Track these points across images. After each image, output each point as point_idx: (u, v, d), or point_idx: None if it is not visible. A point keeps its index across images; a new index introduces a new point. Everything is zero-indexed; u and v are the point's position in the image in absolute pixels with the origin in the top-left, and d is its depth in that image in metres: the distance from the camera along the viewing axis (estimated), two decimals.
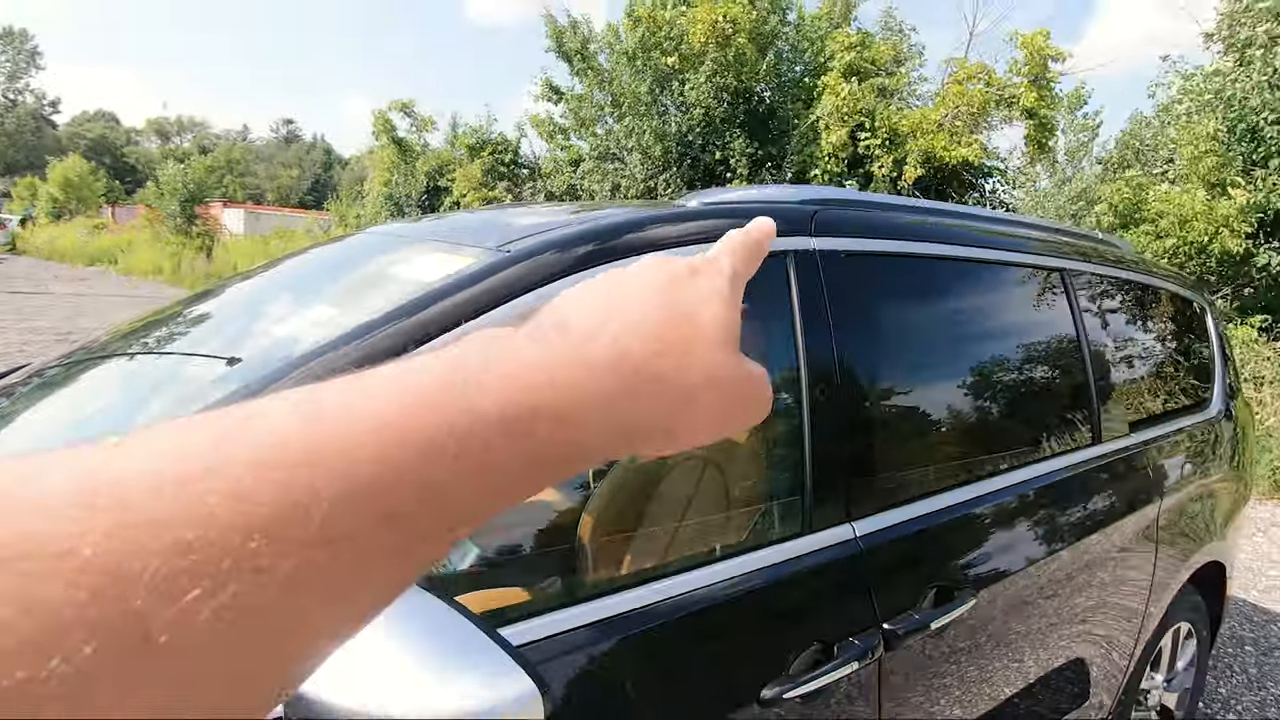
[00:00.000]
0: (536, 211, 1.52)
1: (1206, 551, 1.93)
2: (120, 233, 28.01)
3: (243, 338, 1.21)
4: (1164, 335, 2.10)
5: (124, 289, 15.81)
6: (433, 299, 0.86)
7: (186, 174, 20.98)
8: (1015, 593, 1.35)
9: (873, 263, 1.29)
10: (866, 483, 1.19)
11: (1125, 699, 1.82)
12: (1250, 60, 6.59)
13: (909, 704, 1.18)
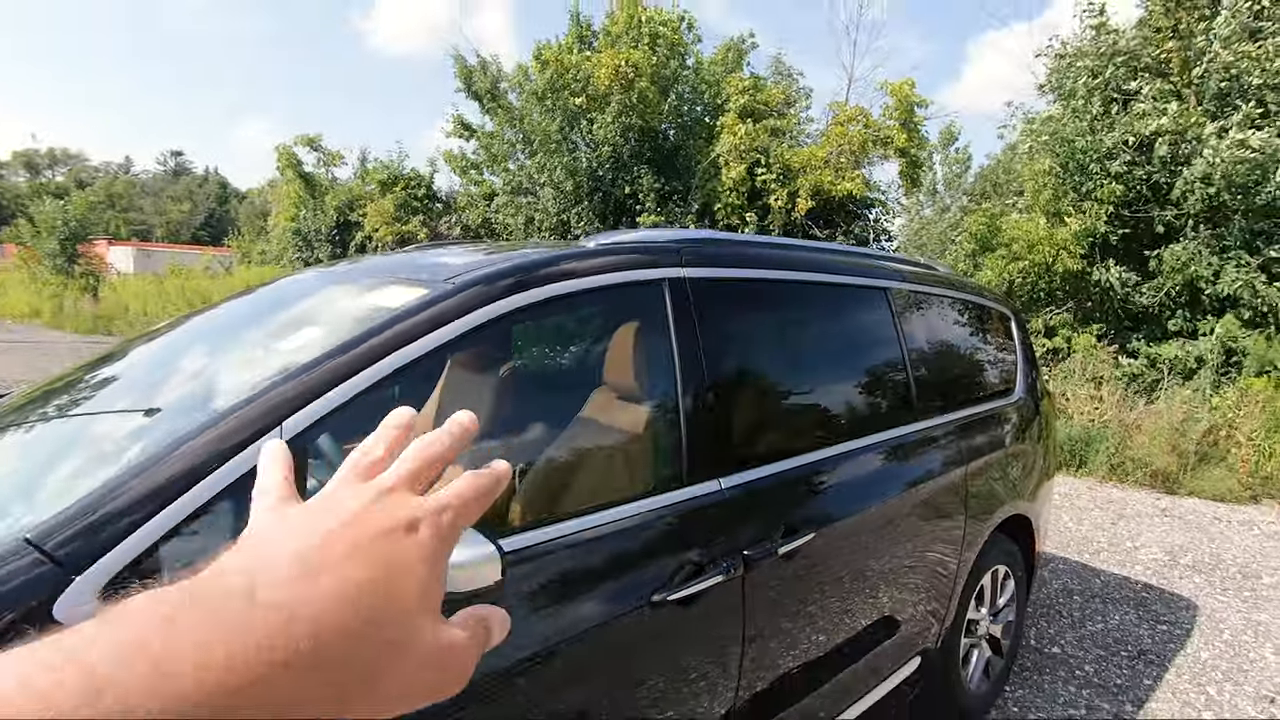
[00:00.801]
0: (466, 251, 1.87)
1: (1011, 506, 2.46)
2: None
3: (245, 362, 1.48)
4: (974, 337, 2.66)
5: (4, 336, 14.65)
6: (400, 318, 1.20)
7: (66, 210, 19.72)
8: (849, 532, 1.78)
9: (729, 286, 1.71)
10: (729, 451, 1.58)
11: (954, 627, 2.29)
12: (1074, 108, 7.75)
13: (769, 620, 1.57)
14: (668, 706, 1.38)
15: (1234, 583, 3.93)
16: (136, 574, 0.87)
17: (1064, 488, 5.87)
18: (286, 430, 0.99)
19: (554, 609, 1.21)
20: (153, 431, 1.10)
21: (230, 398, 1.04)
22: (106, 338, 14.87)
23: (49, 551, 0.84)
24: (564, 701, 1.22)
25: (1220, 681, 2.87)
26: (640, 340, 1.59)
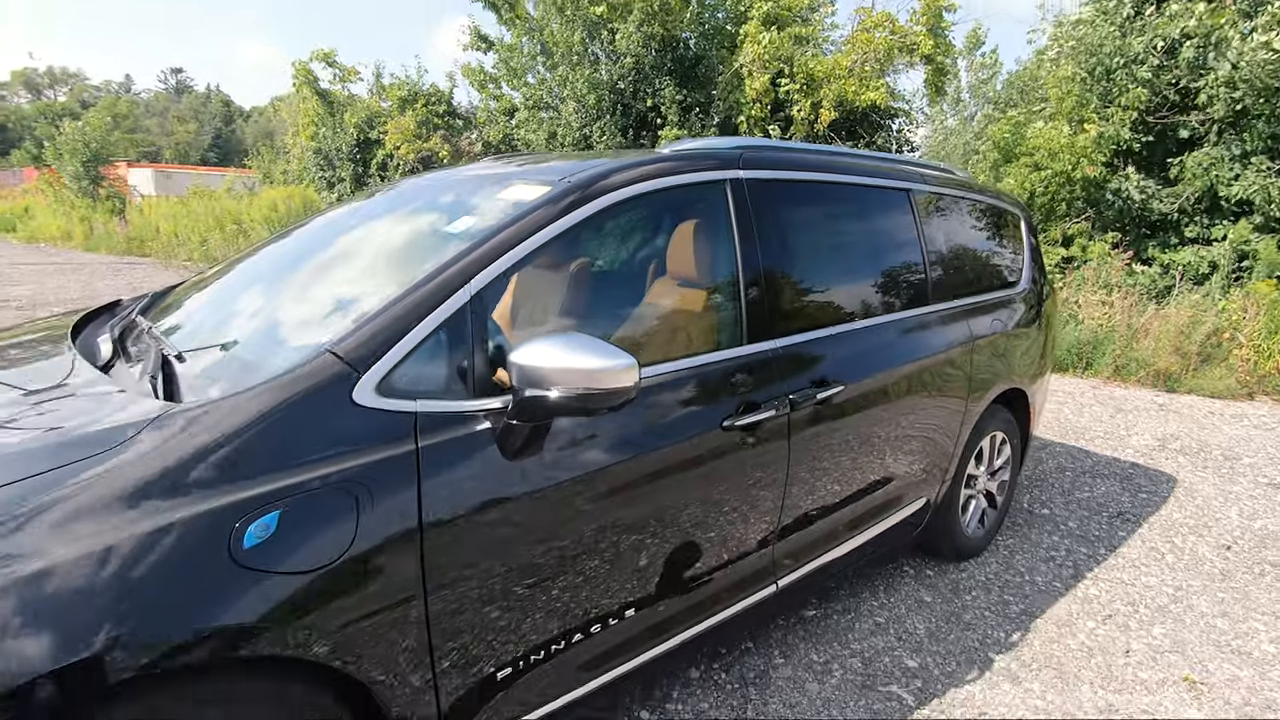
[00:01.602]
0: (555, 160, 2.21)
1: (1009, 381, 2.86)
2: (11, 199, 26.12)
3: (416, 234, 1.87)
4: (985, 233, 2.98)
5: (41, 257, 15.14)
6: (538, 206, 1.57)
7: (85, 132, 19.81)
8: (870, 389, 2.19)
9: (780, 186, 2.05)
10: (779, 321, 1.97)
11: (956, 477, 2.74)
12: (1104, 9, 7.62)
13: (807, 452, 2.01)
14: (733, 514, 1.83)
15: (1215, 463, 4.36)
16: (387, 374, 1.29)
17: (1069, 387, 6.26)
18: (481, 281, 1.40)
19: (657, 424, 1.63)
20: (385, 286, 1.49)
21: (431, 264, 1.43)
22: (141, 259, 15.33)
23: (343, 356, 1.27)
24: (656, 500, 1.66)
25: (1185, 534, 3.34)
26: (702, 233, 1.95)
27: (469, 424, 1.36)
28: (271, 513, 1.13)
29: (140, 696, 1.03)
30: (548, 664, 1.52)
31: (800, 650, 2.33)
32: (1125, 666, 2.32)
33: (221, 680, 1.11)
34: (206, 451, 1.13)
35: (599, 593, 1.57)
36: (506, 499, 1.38)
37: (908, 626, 2.50)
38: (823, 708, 2.07)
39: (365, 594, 1.20)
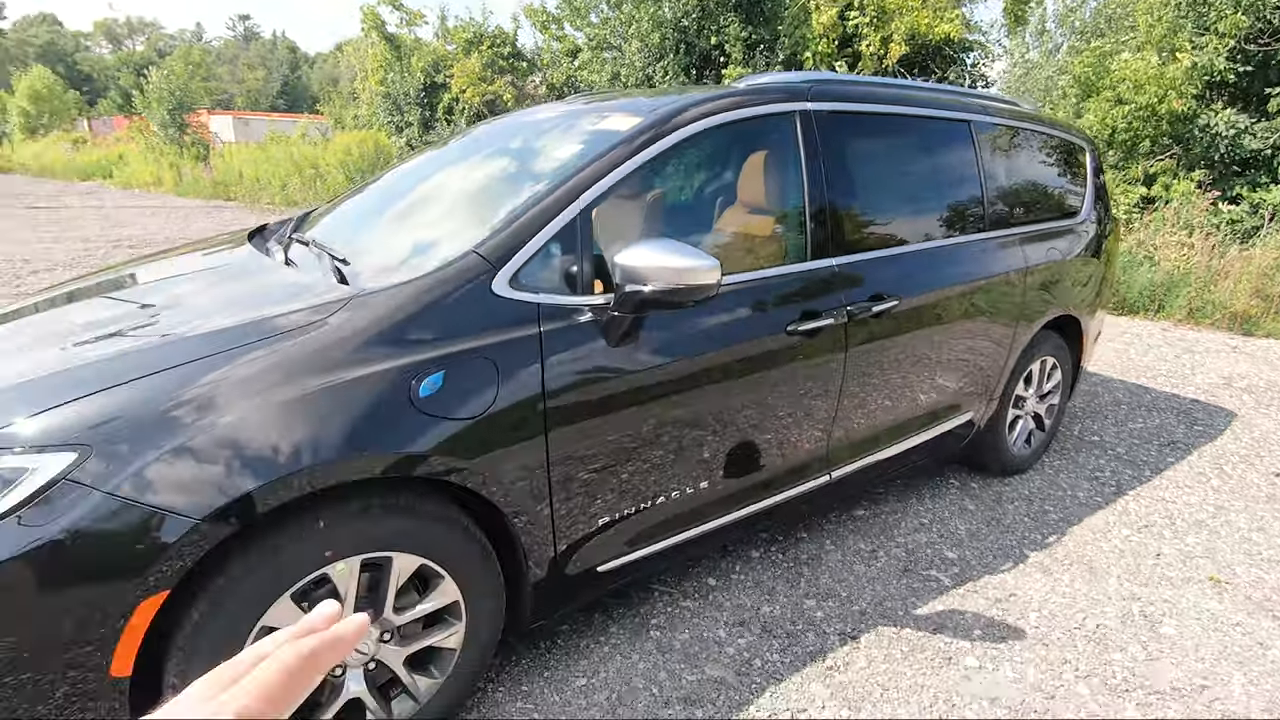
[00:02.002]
0: (639, 95, 2.44)
1: (1061, 307, 2.99)
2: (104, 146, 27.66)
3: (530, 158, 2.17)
4: (1046, 164, 3.07)
5: (138, 201, 16.22)
6: (637, 133, 1.83)
7: (170, 80, 20.75)
8: (922, 306, 2.39)
9: (846, 117, 2.24)
10: (840, 241, 2.19)
11: (1004, 396, 2.93)
12: None
13: (860, 360, 2.25)
14: (794, 408, 2.11)
15: (1278, 401, 4.35)
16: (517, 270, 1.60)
17: (1137, 329, 6.18)
18: (589, 198, 1.68)
19: (731, 324, 1.91)
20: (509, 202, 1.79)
21: (545, 184, 1.72)
22: (227, 203, 16.22)
23: (485, 256, 1.58)
24: (727, 389, 1.94)
25: (1236, 463, 3.44)
26: (773, 163, 2.17)
27: (579, 315, 1.66)
28: (438, 372, 1.47)
29: (343, 501, 1.41)
30: (636, 517, 1.86)
31: (850, 541, 2.63)
32: (1154, 566, 2.53)
33: (401, 495, 1.48)
34: (389, 324, 1.47)
35: (678, 464, 1.89)
36: (608, 377, 1.69)
37: (950, 527, 2.75)
38: (867, 585, 2.37)
39: (504, 440, 1.54)
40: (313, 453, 1.33)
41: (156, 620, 1.25)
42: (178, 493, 1.23)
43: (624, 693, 1.87)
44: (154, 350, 1.41)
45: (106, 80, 74.61)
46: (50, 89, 35.77)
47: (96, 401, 1.28)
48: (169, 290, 1.89)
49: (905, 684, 1.92)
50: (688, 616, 2.17)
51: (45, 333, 1.66)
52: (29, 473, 1.20)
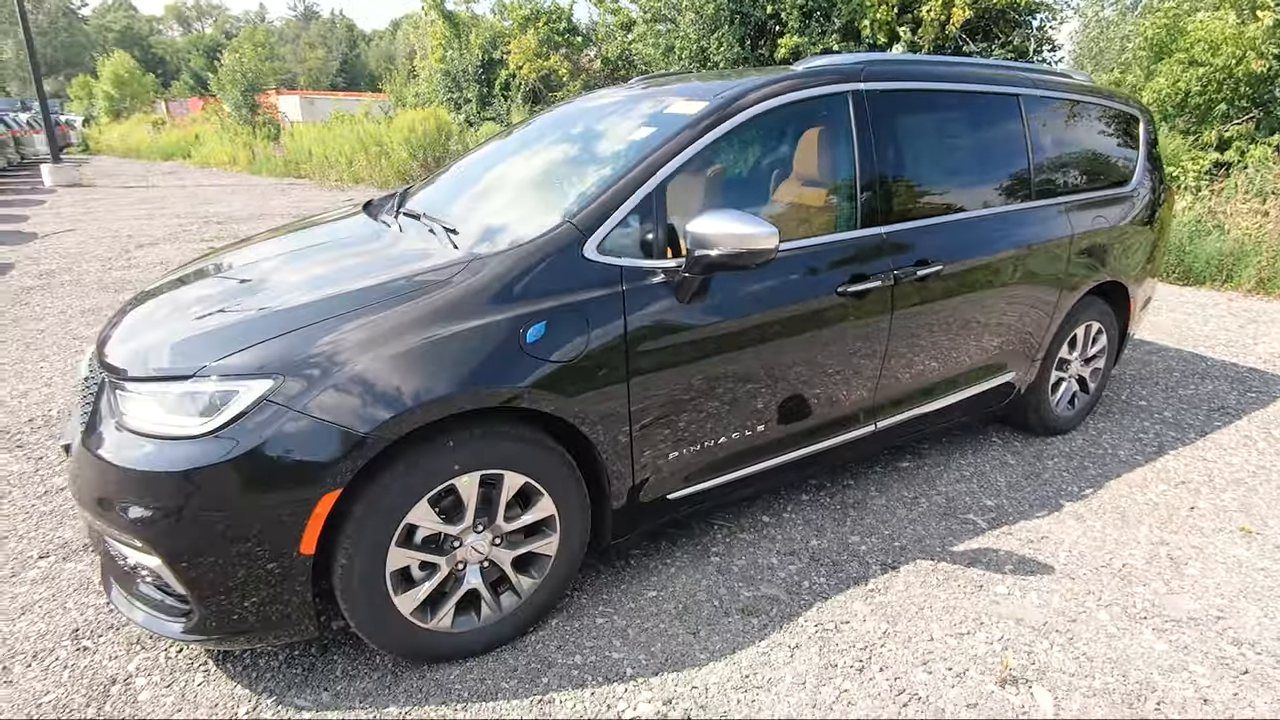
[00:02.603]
0: (697, 80, 2.67)
1: (1109, 274, 3.11)
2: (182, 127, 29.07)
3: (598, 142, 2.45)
4: (1097, 134, 3.16)
5: (216, 180, 17.18)
6: (702, 116, 2.07)
7: (243, 63, 21.65)
8: (966, 271, 2.58)
9: (896, 95, 2.43)
10: (889, 211, 2.39)
11: (1048, 359, 3.08)
12: None
13: (906, 321, 2.46)
14: (843, 363, 2.34)
15: None
16: (603, 238, 1.88)
17: (1200, 299, 6.09)
18: (662, 175, 1.94)
19: (788, 285, 2.15)
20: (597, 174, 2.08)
21: (624, 164, 1.99)
22: (298, 180, 17.01)
23: (577, 226, 1.87)
24: (783, 343, 2.19)
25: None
26: (826, 139, 2.38)
27: (654, 276, 1.94)
28: (541, 322, 1.77)
29: (467, 426, 1.73)
30: (701, 453, 2.14)
31: (894, 488, 2.86)
32: (1186, 517, 2.69)
33: (512, 424, 1.80)
34: (502, 283, 1.78)
35: (738, 409, 2.16)
36: (680, 330, 1.96)
37: (990, 479, 2.95)
38: (908, 525, 2.61)
39: (594, 382, 1.84)
40: (446, 385, 1.65)
41: (330, 513, 1.61)
42: (347, 413, 1.57)
43: (689, 604, 2.17)
44: (320, 303, 1.75)
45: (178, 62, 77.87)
46: (131, 73, 37.67)
47: (283, 342, 1.63)
48: (315, 255, 2.25)
49: (939, 605, 2.17)
50: (744, 546, 2.46)
51: (223, 291, 2.04)
52: (238, 394, 1.56)
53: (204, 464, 1.53)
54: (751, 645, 2.00)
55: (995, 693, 1.84)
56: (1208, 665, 1.94)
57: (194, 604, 1.62)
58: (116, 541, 1.66)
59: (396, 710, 1.77)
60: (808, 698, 1.82)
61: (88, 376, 1.92)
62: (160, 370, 1.67)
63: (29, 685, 1.83)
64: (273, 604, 1.64)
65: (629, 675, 1.89)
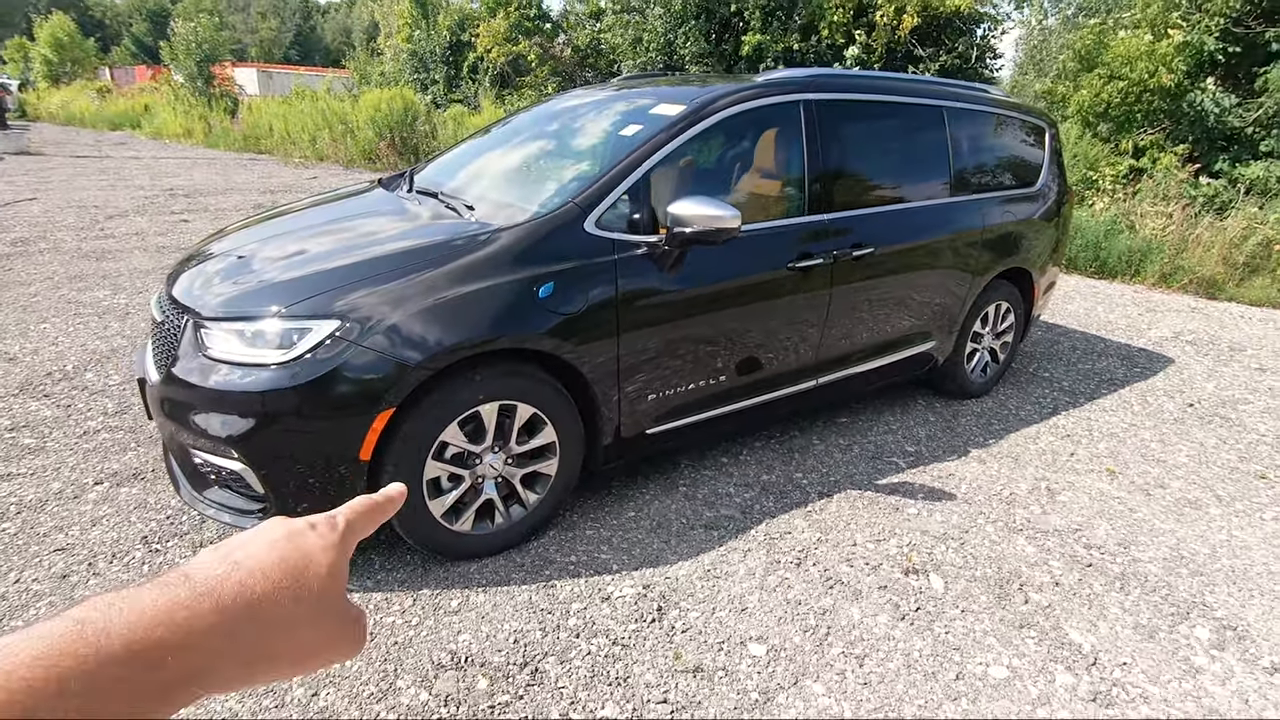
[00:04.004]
0: (680, 83, 3.11)
1: (1015, 260, 3.68)
2: (129, 96, 28.04)
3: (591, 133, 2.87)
4: (1008, 141, 3.72)
5: (172, 152, 16.84)
6: (683, 116, 2.52)
7: (198, 33, 21.08)
8: (896, 254, 3.10)
9: (842, 105, 2.91)
10: (831, 201, 2.88)
11: (963, 332, 3.64)
12: None
13: (844, 294, 2.96)
14: (792, 326, 2.83)
15: (1217, 352, 5.04)
16: (600, 216, 2.32)
17: (1111, 291, 6.84)
18: (648, 165, 2.39)
19: (747, 260, 2.63)
20: (595, 163, 2.51)
21: (616, 155, 2.43)
22: (259, 155, 16.81)
23: (580, 205, 2.30)
24: (744, 307, 2.66)
25: (1159, 395, 4.15)
26: (781, 140, 2.85)
27: (640, 249, 2.38)
28: (550, 282, 2.20)
29: (490, 364, 2.16)
30: (675, 396, 2.61)
31: (832, 438, 3.38)
32: (1066, 461, 3.28)
33: (526, 364, 2.23)
34: (521, 249, 2.20)
35: (707, 359, 2.63)
36: (660, 293, 2.42)
37: (912, 431, 3.50)
38: (843, 465, 3.13)
39: (591, 327, 2.28)
40: (476, 329, 2.07)
41: (384, 429, 2.02)
42: (400, 348, 1.98)
43: (662, 521, 2.64)
44: (370, 261, 2.15)
45: (118, 27, 74.27)
46: (71, 36, 35.98)
47: (344, 292, 2.02)
48: (352, 222, 2.63)
49: (862, 521, 2.69)
50: (706, 479, 2.94)
51: (281, 250, 2.40)
52: (311, 331, 1.96)
53: (284, 386, 1.92)
54: (713, 550, 2.49)
55: (901, 579, 2.36)
56: (1063, 561, 2.51)
57: (272, 501, 2.01)
58: (204, 453, 2.04)
59: (430, 592, 2.19)
60: (756, 583, 2.31)
61: (161, 320, 2.27)
62: (241, 312, 2.04)
63: (115, 576, 2.19)
64: (337, 500, 2.04)
65: (615, 569, 2.35)
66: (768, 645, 2.05)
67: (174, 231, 7.41)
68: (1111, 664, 2.04)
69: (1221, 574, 2.49)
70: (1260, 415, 3.93)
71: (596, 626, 2.09)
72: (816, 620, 2.16)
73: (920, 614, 2.20)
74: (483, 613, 2.12)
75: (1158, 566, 2.51)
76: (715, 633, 2.09)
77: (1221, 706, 1.91)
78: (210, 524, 2.46)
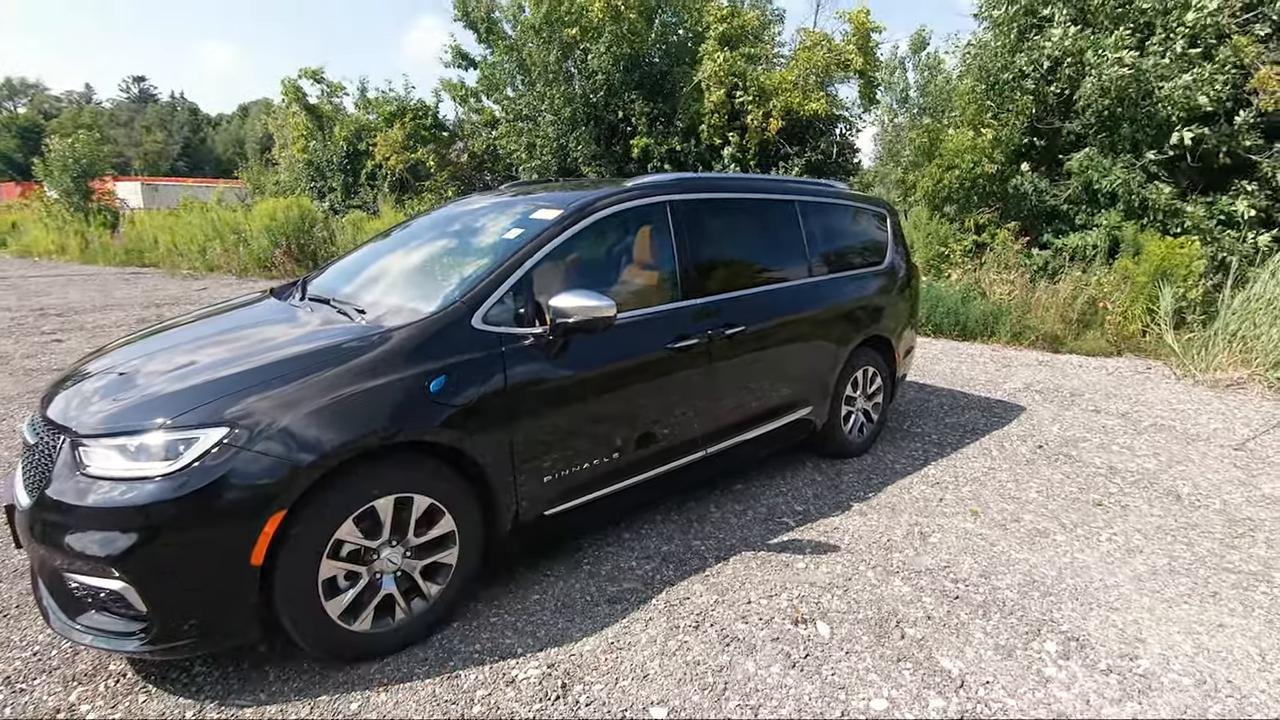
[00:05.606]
0: (560, 189, 3.42)
1: (874, 329, 4.13)
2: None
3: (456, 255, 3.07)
4: (856, 227, 4.25)
5: (45, 270, 15.90)
6: (559, 220, 2.79)
7: (75, 149, 20.45)
8: (766, 331, 3.43)
9: (700, 202, 3.29)
10: (702, 286, 3.20)
11: (836, 397, 4.00)
12: (998, 32, 9.02)
13: (723, 369, 3.24)
14: (676, 404, 3.06)
15: (1060, 398, 5.70)
16: (486, 312, 2.50)
17: (972, 350, 7.60)
18: (530, 264, 2.61)
19: (629, 344, 2.86)
20: (477, 265, 2.70)
21: (499, 255, 2.65)
22: (143, 269, 16.14)
23: (466, 303, 2.48)
24: (628, 388, 2.88)
25: (1013, 440, 4.65)
26: (654, 236, 3.18)
27: (526, 340, 2.57)
28: (441, 375, 2.33)
29: (385, 459, 2.24)
30: (570, 476, 2.74)
31: (727, 504, 3.58)
32: (936, 506, 3.60)
33: (420, 456, 2.32)
34: (411, 347, 2.33)
35: (598, 438, 2.79)
36: (548, 379, 2.59)
37: (800, 492, 3.75)
38: (738, 529, 3.31)
39: (483, 416, 2.41)
40: (370, 424, 2.16)
41: (275, 532, 2.04)
42: (292, 449, 2.04)
43: (566, 600, 2.71)
44: (260, 368, 2.21)
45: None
46: None
47: (232, 399, 2.08)
48: (242, 331, 2.67)
49: (756, 579, 2.85)
50: (609, 555, 3.04)
51: (163, 363, 2.41)
52: (198, 440, 1.99)
53: (170, 497, 1.93)
54: (616, 623, 2.57)
55: (791, 629, 2.52)
56: (934, 596, 2.75)
57: (155, 618, 1.96)
58: (80, 575, 1.98)
59: (328, 698, 2.15)
60: (657, 650, 2.41)
61: (34, 443, 2.22)
62: (123, 427, 2.05)
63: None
64: (226, 610, 2.01)
65: (519, 652, 2.39)
66: (669, 707, 2.13)
67: (44, 353, 7.00)
68: (976, 684, 2.25)
69: (1067, 592, 2.80)
70: (1096, 450, 4.47)
71: (500, 712, 2.11)
72: (714, 678, 2.26)
73: (809, 660, 2.36)
74: (384, 713, 2.10)
75: (1014, 592, 2.79)
76: (618, 702, 2.15)
77: (1068, 710, 2.15)
78: (84, 655, 2.32)
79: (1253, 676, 2.33)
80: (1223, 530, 3.39)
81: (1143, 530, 3.37)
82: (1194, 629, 2.59)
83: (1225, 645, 2.49)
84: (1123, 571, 2.98)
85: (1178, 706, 2.18)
